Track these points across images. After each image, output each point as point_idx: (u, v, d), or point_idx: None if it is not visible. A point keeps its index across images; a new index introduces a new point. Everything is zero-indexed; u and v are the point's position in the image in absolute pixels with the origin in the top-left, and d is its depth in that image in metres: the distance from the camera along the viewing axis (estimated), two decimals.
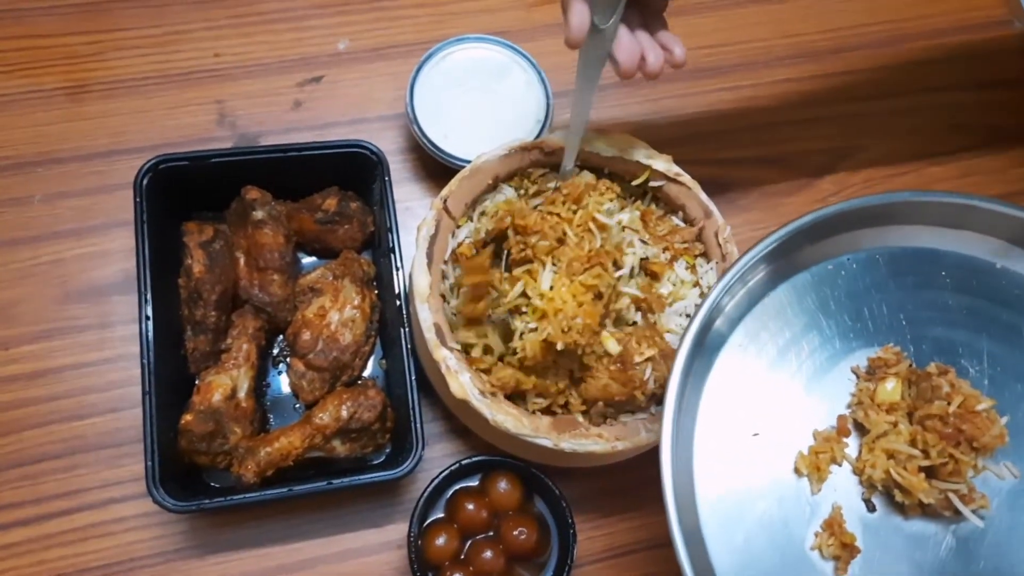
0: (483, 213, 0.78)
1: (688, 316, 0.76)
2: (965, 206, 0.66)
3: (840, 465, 0.63)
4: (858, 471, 0.63)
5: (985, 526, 0.61)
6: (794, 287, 0.67)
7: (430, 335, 0.71)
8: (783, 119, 0.99)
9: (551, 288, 0.69)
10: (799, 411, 0.65)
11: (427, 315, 0.72)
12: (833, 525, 0.61)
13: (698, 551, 0.59)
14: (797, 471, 0.63)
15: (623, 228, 0.75)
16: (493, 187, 0.79)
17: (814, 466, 0.62)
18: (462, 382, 0.70)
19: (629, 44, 0.66)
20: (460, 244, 0.76)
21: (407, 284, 0.77)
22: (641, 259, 0.75)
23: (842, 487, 0.63)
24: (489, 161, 0.77)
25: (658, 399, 0.74)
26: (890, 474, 0.61)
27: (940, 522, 0.61)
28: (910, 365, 0.65)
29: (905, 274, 0.67)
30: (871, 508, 0.62)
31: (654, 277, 0.76)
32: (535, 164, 0.79)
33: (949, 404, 0.61)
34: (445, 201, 0.75)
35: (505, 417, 0.70)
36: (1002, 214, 0.66)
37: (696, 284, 0.77)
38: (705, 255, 0.78)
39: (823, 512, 0.62)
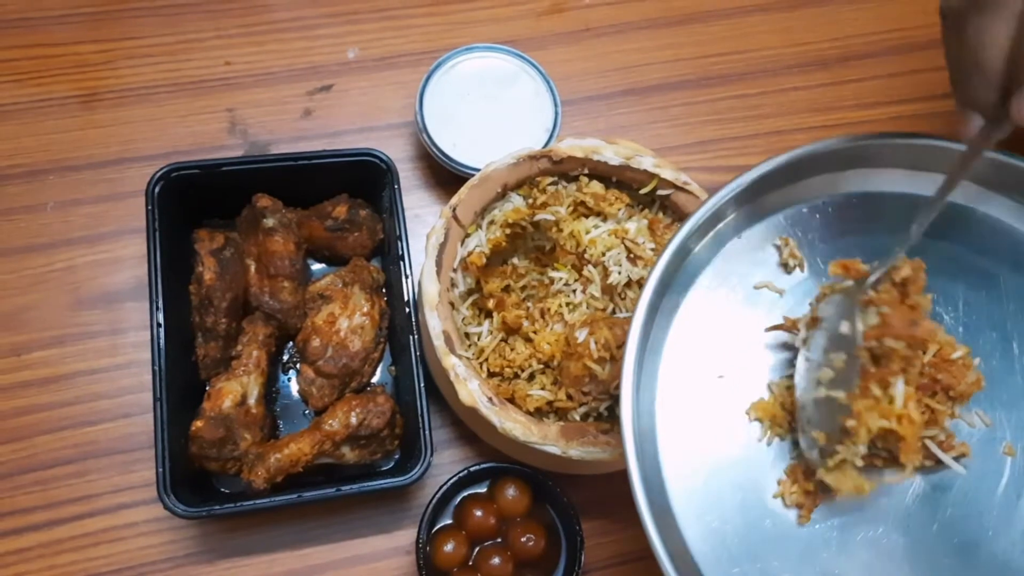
0: (492, 222, 0.79)
1: None
2: (940, 148, 0.64)
3: None
4: None
5: (955, 475, 0.60)
6: (767, 229, 0.66)
7: (439, 342, 0.72)
8: (792, 127, 0.99)
9: None
10: (767, 355, 0.64)
11: (436, 323, 0.72)
12: (796, 472, 0.60)
13: (658, 491, 0.58)
14: (759, 418, 0.62)
15: (608, 248, 0.76)
16: (502, 195, 0.79)
17: (770, 413, 0.62)
18: (471, 389, 0.70)
19: None
20: (470, 253, 0.77)
21: (416, 291, 0.77)
22: (637, 278, 0.75)
23: None
24: (498, 170, 0.77)
25: None
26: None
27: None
28: None
29: (881, 218, 0.66)
30: None
31: None
32: (544, 173, 0.79)
33: (924, 353, 0.59)
34: (455, 209, 0.76)
35: (514, 425, 0.70)
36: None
37: None
38: None
39: (785, 460, 0.61)
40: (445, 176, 0.89)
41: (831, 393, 0.59)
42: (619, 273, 0.75)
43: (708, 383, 0.62)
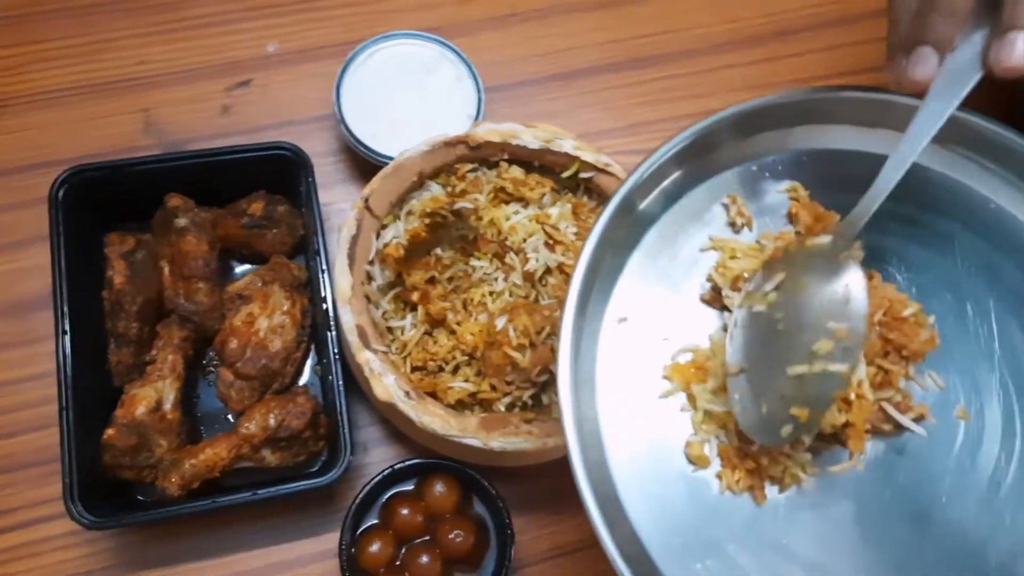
0: (410, 212, 0.76)
1: None
2: (886, 102, 0.62)
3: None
4: None
5: (906, 439, 0.58)
6: (714, 188, 0.63)
7: (352, 337, 0.70)
8: (725, 105, 0.96)
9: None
10: (713, 318, 0.61)
11: (349, 317, 0.70)
12: (729, 456, 0.57)
13: (600, 471, 0.55)
14: (676, 383, 0.59)
15: (530, 234, 0.74)
16: (419, 184, 0.77)
17: (688, 380, 0.59)
18: (387, 384, 0.68)
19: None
20: (387, 244, 0.75)
21: (331, 286, 0.75)
22: (555, 265, 0.73)
23: None
24: (412, 157, 0.75)
25: None
26: None
27: None
28: None
29: (833, 177, 0.63)
30: None
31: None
32: (462, 159, 0.77)
33: (875, 312, 0.57)
34: (367, 200, 0.74)
35: (432, 418, 0.68)
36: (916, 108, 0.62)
37: None
38: None
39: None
40: (369, 169, 0.87)
41: (830, 367, 0.54)
42: (536, 260, 0.73)
43: (652, 348, 0.59)
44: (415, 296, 0.75)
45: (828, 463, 0.57)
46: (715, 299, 0.61)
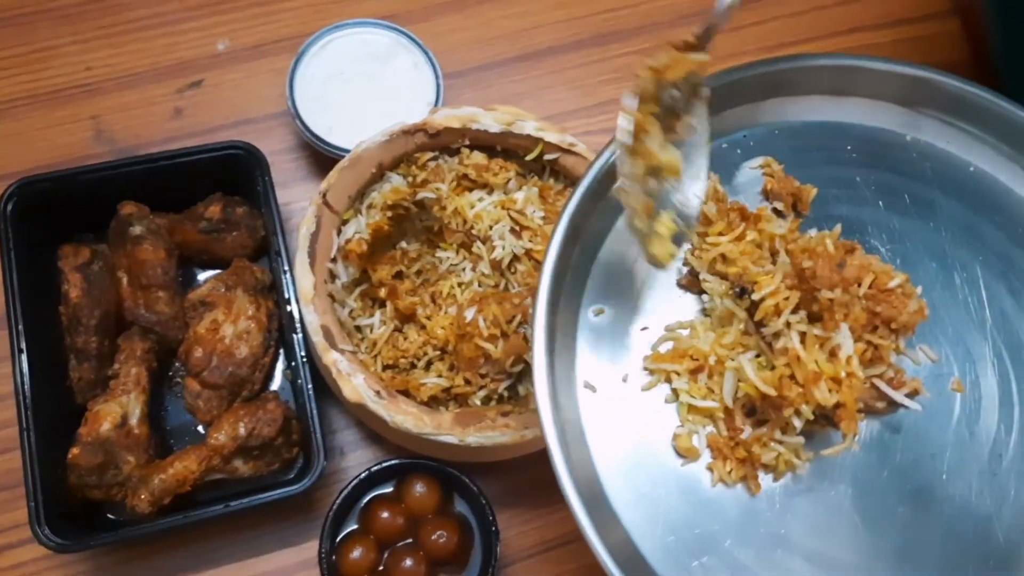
0: (371, 205, 0.74)
1: None
2: (851, 68, 0.61)
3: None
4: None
5: (901, 416, 0.56)
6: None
7: (318, 338, 0.67)
8: None
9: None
10: (692, 303, 0.59)
11: (313, 317, 0.68)
12: (719, 445, 0.55)
13: (583, 465, 0.53)
14: (657, 375, 0.56)
15: (496, 221, 0.72)
16: (379, 176, 0.75)
17: (669, 371, 0.56)
18: (356, 385, 0.66)
19: None
20: (348, 240, 0.72)
21: (294, 288, 0.73)
22: (523, 251, 0.71)
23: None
24: (369, 149, 0.73)
25: None
26: None
27: None
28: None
29: (808, 150, 0.62)
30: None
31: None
32: (422, 148, 0.75)
33: (859, 285, 0.54)
34: (324, 195, 0.71)
35: (404, 417, 0.66)
36: (888, 72, 0.61)
37: None
38: None
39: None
40: (328, 164, 0.83)
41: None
42: (503, 248, 0.71)
43: (633, 342, 0.57)
44: (382, 292, 0.72)
45: (821, 447, 0.55)
46: (692, 283, 0.59)
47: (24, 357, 0.69)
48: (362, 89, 0.83)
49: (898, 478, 0.55)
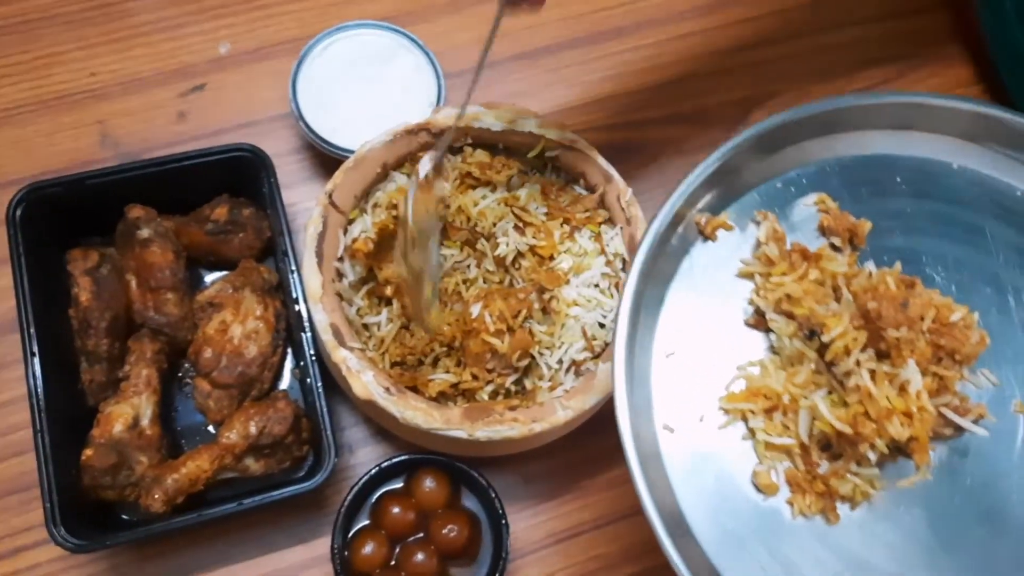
0: (376, 204, 0.75)
1: (596, 286, 0.73)
2: (911, 104, 0.63)
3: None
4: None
5: (968, 440, 0.57)
6: (743, 209, 0.63)
7: (327, 336, 0.68)
8: (691, 73, 0.96)
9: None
10: (760, 341, 0.60)
11: (322, 316, 0.69)
12: (797, 480, 0.56)
13: (664, 494, 0.54)
14: (734, 411, 0.58)
15: (499, 218, 0.73)
16: (383, 176, 0.75)
17: (744, 409, 0.58)
18: (365, 382, 0.67)
19: None
20: (355, 240, 0.73)
21: (302, 287, 0.73)
22: (526, 248, 0.72)
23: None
24: (374, 149, 0.74)
25: (576, 368, 0.71)
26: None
27: None
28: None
29: (859, 184, 0.63)
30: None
31: (544, 259, 0.73)
32: (425, 147, 0.75)
33: (922, 320, 0.56)
34: (331, 195, 0.72)
35: (414, 413, 0.67)
36: (951, 109, 0.63)
37: (602, 252, 0.74)
38: (610, 221, 0.75)
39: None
40: (332, 164, 0.84)
41: None
42: (507, 245, 0.71)
43: (707, 382, 0.59)
44: (389, 290, 0.73)
45: (895, 474, 0.57)
46: (759, 322, 0.61)
47: (36, 360, 0.69)
48: (364, 90, 0.83)
49: (970, 501, 0.56)
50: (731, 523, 0.55)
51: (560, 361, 0.71)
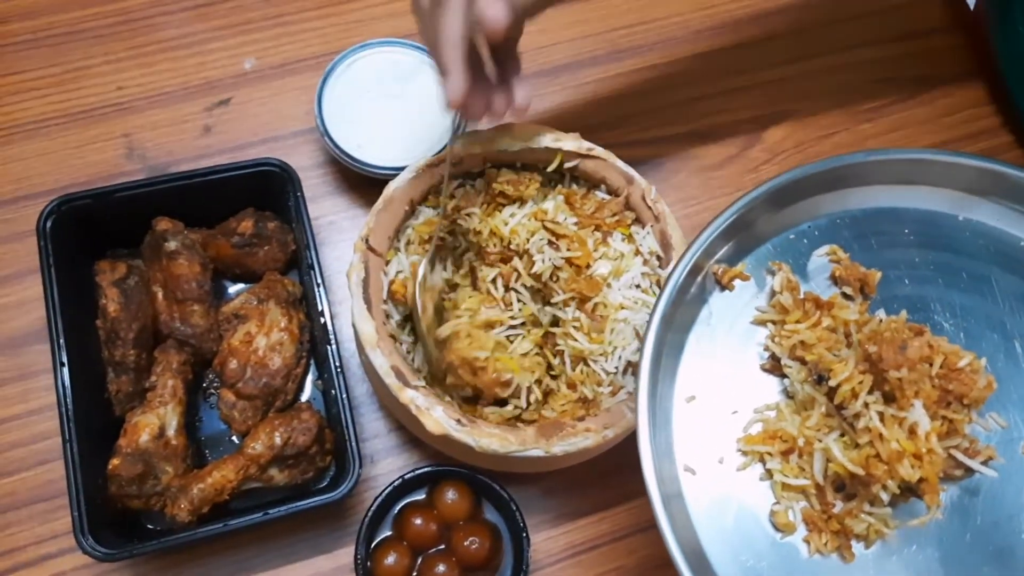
0: (409, 242, 0.75)
1: (638, 286, 0.74)
2: (917, 160, 0.65)
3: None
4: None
5: (978, 481, 0.59)
6: (757, 260, 0.65)
7: (391, 380, 0.67)
8: (707, 92, 0.97)
9: None
10: (775, 385, 0.63)
11: (382, 360, 0.68)
12: (813, 519, 0.58)
13: (686, 532, 0.56)
14: (750, 452, 0.60)
15: (532, 233, 0.74)
16: (411, 213, 0.76)
17: (762, 452, 0.60)
18: (437, 418, 0.67)
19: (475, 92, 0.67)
20: (392, 281, 0.73)
21: (326, 300, 0.75)
22: (562, 261, 0.73)
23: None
24: (400, 188, 0.74)
25: (634, 369, 0.72)
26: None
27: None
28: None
29: (869, 236, 0.66)
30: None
31: (581, 268, 0.74)
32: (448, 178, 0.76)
33: (931, 366, 0.58)
34: (367, 241, 0.72)
35: (489, 440, 0.66)
36: (955, 164, 0.65)
37: (637, 252, 0.75)
38: (639, 221, 0.77)
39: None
40: (356, 179, 0.86)
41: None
42: (543, 262, 0.72)
43: (726, 425, 0.61)
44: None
45: (908, 514, 0.58)
46: (775, 367, 0.63)
47: (65, 370, 0.70)
48: (389, 107, 0.85)
49: (980, 540, 0.58)
50: (750, 560, 0.57)
51: (616, 366, 0.71)
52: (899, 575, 0.57)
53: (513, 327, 0.73)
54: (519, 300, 0.74)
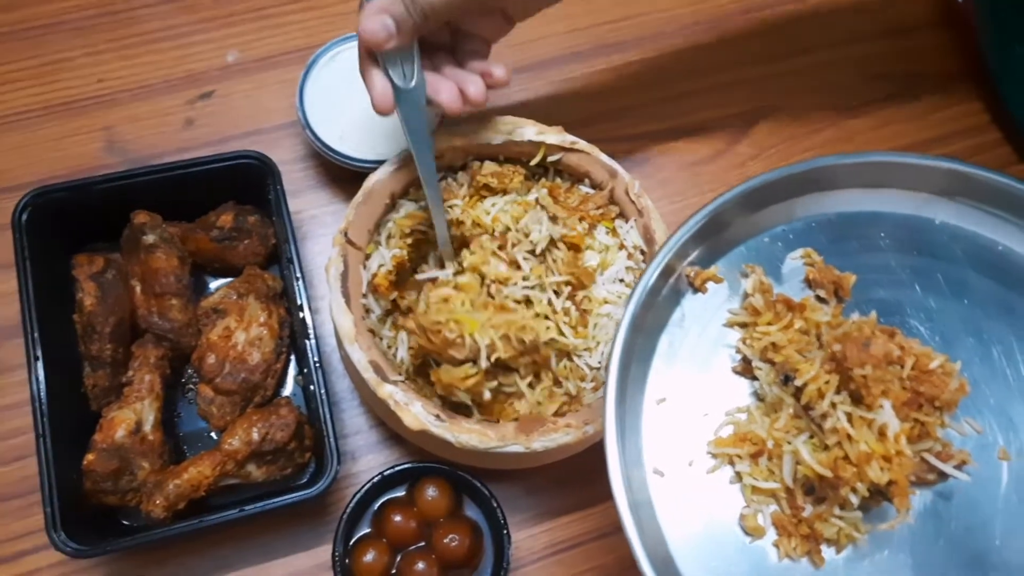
0: (390, 235, 0.75)
1: (622, 280, 0.74)
2: (888, 164, 0.65)
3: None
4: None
5: (952, 486, 0.58)
6: (731, 263, 0.65)
7: (369, 375, 0.67)
8: (694, 87, 0.97)
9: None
10: (746, 387, 0.62)
11: (360, 355, 0.68)
12: (783, 523, 0.57)
13: (655, 540, 0.56)
14: (721, 457, 0.59)
15: (516, 220, 0.73)
16: (392, 206, 0.75)
17: (731, 454, 0.59)
18: (415, 413, 0.66)
19: (446, 85, 0.68)
20: (374, 275, 0.73)
21: (305, 295, 0.74)
22: (558, 236, 0.72)
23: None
24: (380, 181, 0.73)
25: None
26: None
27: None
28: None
29: (844, 239, 0.65)
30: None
31: (575, 249, 0.74)
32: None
33: (902, 367, 0.57)
34: (346, 234, 0.71)
35: (469, 436, 0.66)
36: (925, 167, 0.64)
37: (621, 246, 0.75)
38: (622, 215, 0.76)
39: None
40: (339, 173, 0.86)
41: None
42: (539, 232, 0.72)
43: (696, 428, 0.60)
44: (410, 323, 0.73)
45: (879, 518, 0.58)
46: (746, 370, 0.62)
47: (40, 365, 0.69)
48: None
49: (953, 546, 0.57)
50: (719, 565, 0.56)
51: (600, 361, 0.71)
52: None
53: (529, 287, 0.71)
54: (526, 259, 0.72)
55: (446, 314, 0.65)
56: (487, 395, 0.68)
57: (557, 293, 0.72)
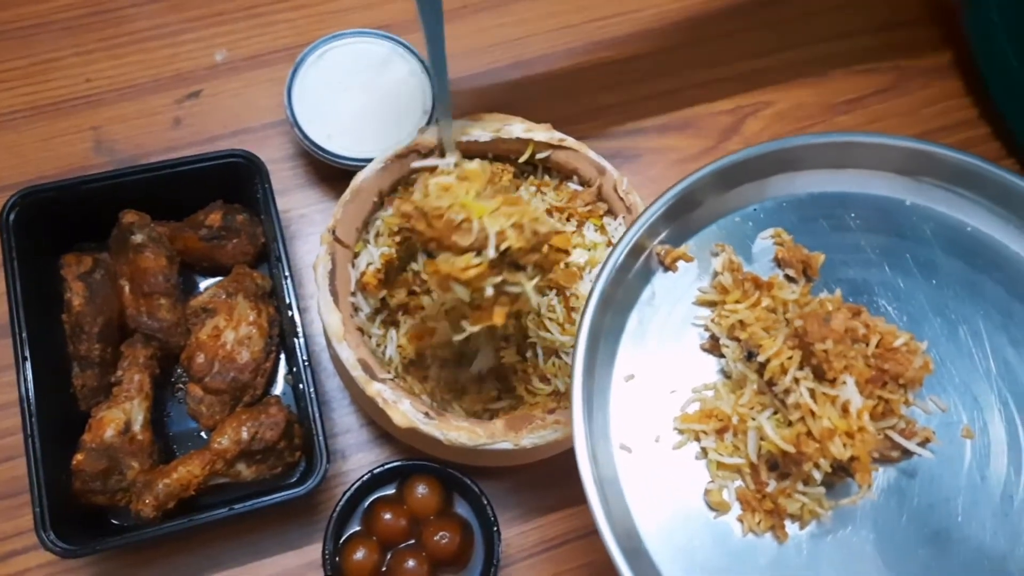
0: (378, 234, 0.75)
1: None
2: (856, 144, 0.64)
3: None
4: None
5: (916, 463, 0.58)
6: (702, 241, 0.64)
7: (357, 372, 0.67)
8: (684, 84, 0.96)
9: None
10: (714, 365, 0.62)
11: (348, 353, 0.68)
12: (747, 498, 0.57)
13: (623, 520, 0.55)
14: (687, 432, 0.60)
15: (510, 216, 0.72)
16: (380, 204, 0.75)
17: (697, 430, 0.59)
18: (404, 411, 0.66)
19: None
20: (363, 273, 0.72)
21: (294, 293, 0.74)
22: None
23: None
24: (368, 179, 0.73)
25: None
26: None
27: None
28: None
29: (815, 219, 0.65)
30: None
31: (564, 253, 0.73)
32: (416, 169, 0.75)
33: (867, 345, 0.57)
34: (334, 232, 0.71)
35: (458, 433, 0.66)
36: (892, 147, 0.64)
37: (609, 243, 0.75)
38: (611, 212, 0.76)
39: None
40: (328, 172, 0.86)
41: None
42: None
43: (664, 404, 0.60)
44: (401, 316, 0.73)
45: (843, 494, 0.58)
46: (714, 347, 0.62)
47: (28, 365, 0.69)
48: (360, 98, 0.84)
49: (916, 522, 0.57)
50: (684, 539, 0.56)
51: None
52: (833, 556, 0.56)
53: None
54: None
55: (449, 199, 0.58)
56: (489, 291, 0.59)
57: (544, 293, 0.72)
